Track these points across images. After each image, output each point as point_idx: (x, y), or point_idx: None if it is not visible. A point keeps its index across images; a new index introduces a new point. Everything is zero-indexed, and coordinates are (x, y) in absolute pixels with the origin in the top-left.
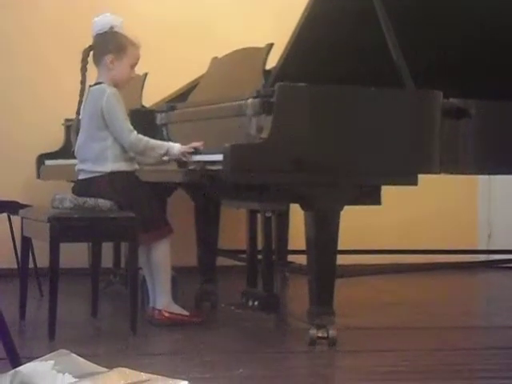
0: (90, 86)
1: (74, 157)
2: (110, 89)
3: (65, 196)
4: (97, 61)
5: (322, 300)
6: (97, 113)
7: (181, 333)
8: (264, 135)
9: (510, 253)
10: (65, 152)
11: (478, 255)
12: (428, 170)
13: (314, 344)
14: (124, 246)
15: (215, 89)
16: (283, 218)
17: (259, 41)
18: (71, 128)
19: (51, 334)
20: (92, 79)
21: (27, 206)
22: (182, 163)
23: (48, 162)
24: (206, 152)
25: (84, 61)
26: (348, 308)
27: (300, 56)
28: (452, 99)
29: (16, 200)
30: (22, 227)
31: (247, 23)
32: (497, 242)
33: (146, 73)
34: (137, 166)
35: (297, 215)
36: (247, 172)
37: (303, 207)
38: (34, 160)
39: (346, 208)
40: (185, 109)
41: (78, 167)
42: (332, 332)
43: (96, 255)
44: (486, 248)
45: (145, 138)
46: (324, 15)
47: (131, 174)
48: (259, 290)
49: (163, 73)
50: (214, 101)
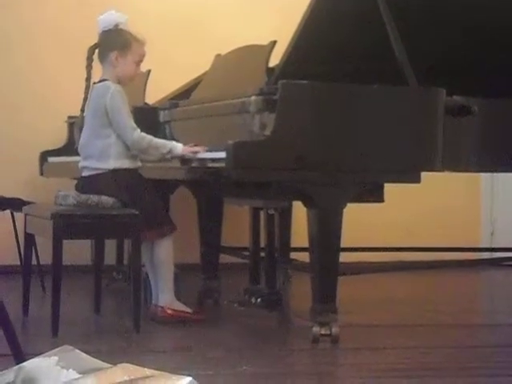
0: (95, 83)
1: (77, 154)
2: (115, 86)
3: (68, 193)
4: (102, 58)
5: (325, 297)
6: (100, 110)
7: (184, 330)
8: (267, 132)
9: None
10: (68, 149)
11: (481, 253)
12: (431, 168)
13: (317, 341)
14: (127, 243)
15: (218, 86)
16: (286, 216)
17: (262, 38)
18: (75, 125)
19: (54, 331)
20: (96, 77)
21: (30, 203)
22: (185, 160)
23: (51, 159)
24: (209, 149)
25: (89, 59)
26: (351, 305)
27: (303, 53)
28: (455, 97)
29: (19, 197)
30: (25, 224)
31: (250, 21)
32: (500, 240)
33: (149, 70)
34: (140, 164)
35: (300, 212)
36: (250, 169)
37: (306, 204)
38: (37, 157)
39: (349, 205)
40: (188, 106)
41: (82, 164)
42: (335, 329)
43: (99, 252)
44: (489, 246)
45: (148, 137)
46: (327, 13)
47: (134, 172)
48: (262, 288)
49: (166, 70)
50: (217, 98)
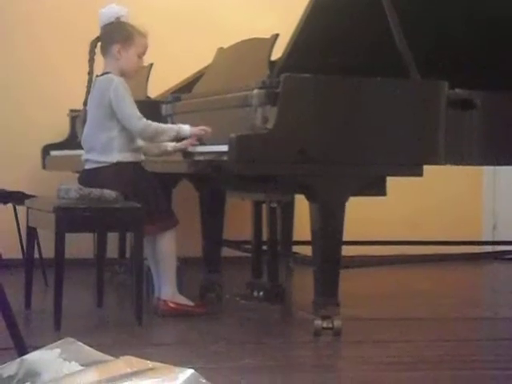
0: (97, 76)
1: (80, 147)
2: (118, 78)
3: (70, 186)
4: (104, 51)
5: (327, 291)
6: (104, 102)
7: (186, 323)
8: (269, 126)
9: None
10: (70, 142)
11: (483, 246)
12: (433, 161)
13: (319, 334)
14: (129, 237)
15: (221, 79)
16: (288, 209)
17: (265, 31)
18: (78, 118)
19: (57, 324)
20: (99, 71)
21: (32, 197)
22: (187, 154)
23: (53, 153)
24: (212, 142)
25: (92, 52)
26: (353, 299)
27: (305, 46)
28: (457, 90)
29: (21, 190)
30: (28, 217)
31: (253, 14)
32: (502, 234)
33: (152, 63)
34: (143, 157)
35: (302, 206)
36: (252, 162)
37: (308, 198)
38: (40, 151)
39: (352, 199)
40: (190, 99)
41: (85, 157)
42: (337, 322)
43: (101, 245)
44: (491, 239)
45: (154, 123)
46: (329, 5)
47: (137, 165)
48: (264, 281)
49: (168, 63)
50: (220, 91)
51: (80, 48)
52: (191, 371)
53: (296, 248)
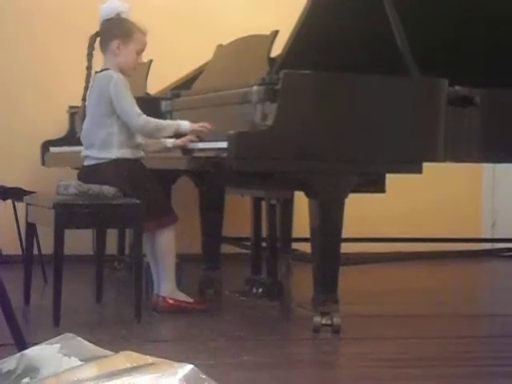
0: (97, 73)
1: (79, 144)
2: (117, 74)
3: (69, 183)
4: (103, 47)
5: (327, 287)
6: (103, 99)
7: (185, 320)
8: (269, 122)
9: None
10: (69, 139)
11: (482, 244)
12: (432, 159)
13: (318, 331)
14: (128, 233)
15: (220, 76)
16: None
17: (264, 28)
18: (77, 114)
19: (56, 320)
20: (97, 66)
21: (32, 193)
22: (187, 150)
23: (52, 149)
24: (211, 139)
25: (90, 47)
26: (352, 296)
27: (305, 43)
28: (457, 87)
29: (21, 187)
30: (27, 214)
31: (252, 10)
32: (501, 231)
33: (151, 60)
34: (142, 154)
35: (301, 203)
36: (252, 159)
37: (308, 195)
38: (39, 147)
39: (351, 196)
40: (189, 96)
41: (84, 153)
42: (336, 319)
43: (100, 242)
44: (490, 237)
45: (154, 120)
46: (329, 2)
47: (136, 162)
48: (263, 278)
49: (168, 60)
50: (219, 88)
51: (79, 43)
52: (191, 366)
53: (295, 245)
